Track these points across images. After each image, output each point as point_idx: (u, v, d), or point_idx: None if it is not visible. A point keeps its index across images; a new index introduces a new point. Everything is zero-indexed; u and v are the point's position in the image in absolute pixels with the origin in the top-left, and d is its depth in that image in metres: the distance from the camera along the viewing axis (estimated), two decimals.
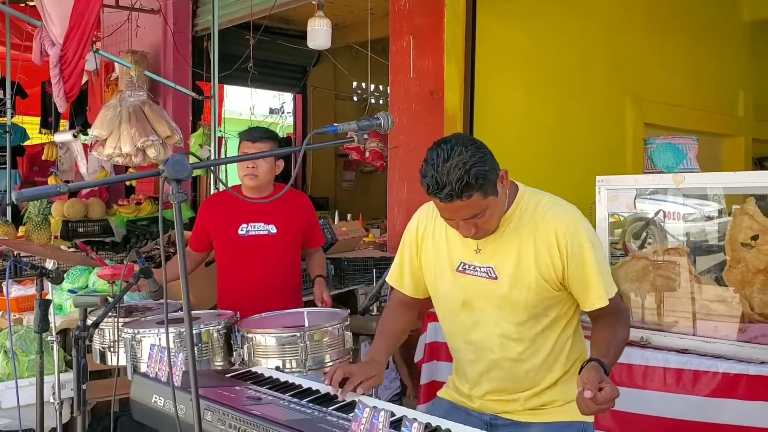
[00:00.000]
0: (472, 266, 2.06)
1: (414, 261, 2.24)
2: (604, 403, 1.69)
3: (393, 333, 2.30)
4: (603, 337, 1.97)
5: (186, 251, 3.43)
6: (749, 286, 2.91)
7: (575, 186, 4.64)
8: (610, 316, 1.99)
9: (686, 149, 3.27)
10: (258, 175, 3.23)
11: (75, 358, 2.39)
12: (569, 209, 2.05)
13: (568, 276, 1.97)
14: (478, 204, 1.88)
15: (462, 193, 1.85)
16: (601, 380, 1.72)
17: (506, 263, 2.01)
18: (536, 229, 1.99)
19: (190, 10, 7.17)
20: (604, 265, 2.02)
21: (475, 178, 1.83)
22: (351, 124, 2.00)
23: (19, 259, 3.48)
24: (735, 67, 7.32)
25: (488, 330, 2.07)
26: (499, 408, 2.12)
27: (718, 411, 2.75)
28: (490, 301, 2.04)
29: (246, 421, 1.78)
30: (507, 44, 5.11)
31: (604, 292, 1.97)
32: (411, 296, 2.30)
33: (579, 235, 1.96)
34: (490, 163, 1.89)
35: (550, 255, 1.97)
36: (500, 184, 1.93)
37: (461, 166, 1.83)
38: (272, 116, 10.78)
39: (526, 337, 2.04)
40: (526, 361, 2.06)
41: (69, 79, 4.83)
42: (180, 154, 1.64)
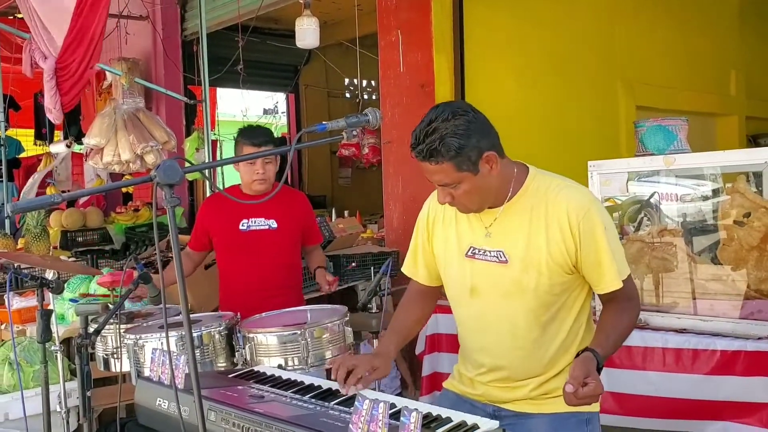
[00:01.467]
0: (482, 250, 2.02)
1: (426, 248, 2.21)
2: (585, 399, 1.71)
3: (404, 325, 2.26)
4: (607, 323, 1.95)
5: (185, 252, 3.46)
6: (744, 263, 2.94)
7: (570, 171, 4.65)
8: (621, 301, 1.96)
9: (676, 130, 3.28)
10: (267, 179, 3.27)
11: (78, 366, 2.41)
12: (581, 190, 2.01)
13: (581, 258, 1.93)
14: (450, 174, 1.88)
15: (430, 157, 1.86)
16: (587, 375, 1.72)
17: (517, 246, 1.97)
18: (547, 211, 1.94)
19: (179, 15, 7.18)
20: (618, 247, 1.98)
21: (446, 147, 1.84)
22: (339, 122, 2.01)
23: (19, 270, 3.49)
24: (725, 47, 7.34)
25: (497, 317, 2.03)
26: (503, 396, 2.07)
27: (718, 388, 2.78)
28: (499, 286, 2.00)
29: (249, 420, 1.80)
30: (496, 33, 5.13)
31: (617, 273, 1.93)
32: (426, 284, 2.27)
33: (592, 217, 1.92)
34: (474, 140, 1.86)
35: (563, 237, 1.92)
36: (485, 165, 1.90)
37: (438, 132, 1.84)
38: (266, 116, 10.78)
39: (537, 324, 2.00)
40: (537, 350, 2.01)
41: (70, 90, 4.85)
42: (171, 158, 1.66)
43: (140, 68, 6.90)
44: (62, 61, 4.83)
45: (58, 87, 4.86)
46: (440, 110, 1.89)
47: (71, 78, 4.83)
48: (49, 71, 4.84)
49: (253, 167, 3.23)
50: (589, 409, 2.02)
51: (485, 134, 1.90)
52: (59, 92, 4.87)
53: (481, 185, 1.92)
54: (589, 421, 2.06)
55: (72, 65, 4.78)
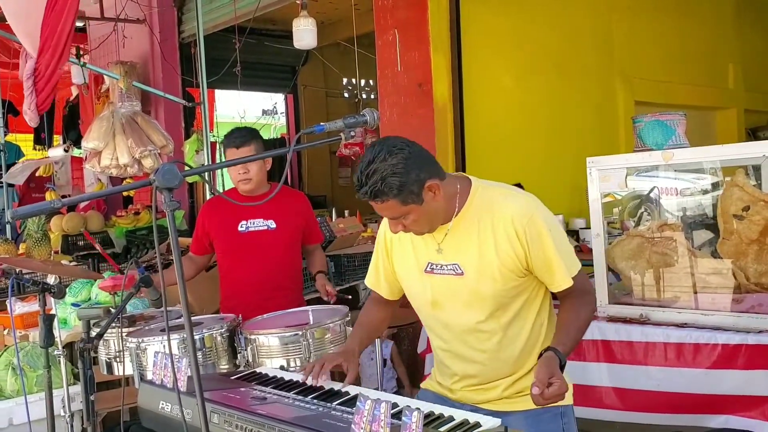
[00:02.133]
0: (439, 265, 2.12)
1: (387, 266, 2.32)
2: (551, 398, 1.81)
3: (369, 326, 2.40)
4: (565, 320, 2.06)
5: (188, 256, 3.47)
6: (743, 257, 2.94)
7: (570, 167, 4.69)
8: (576, 297, 2.07)
9: (674, 125, 3.28)
10: (251, 178, 3.28)
11: (81, 370, 2.42)
12: (523, 197, 2.10)
13: (531, 261, 2.03)
14: (396, 209, 1.97)
15: (375, 197, 1.95)
16: (551, 375, 1.82)
17: (469, 258, 2.06)
18: (493, 222, 2.03)
19: (176, 18, 7.18)
20: (564, 246, 2.08)
21: (388, 187, 1.92)
22: (338, 123, 2.02)
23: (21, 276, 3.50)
24: (723, 40, 7.34)
25: (461, 326, 2.13)
26: (478, 397, 2.17)
27: (719, 382, 2.78)
28: (458, 297, 2.10)
29: (252, 421, 1.81)
30: (493, 31, 5.13)
31: (566, 272, 2.04)
32: (387, 298, 2.39)
33: (536, 222, 2.02)
34: (415, 173, 1.93)
35: (511, 245, 2.02)
36: (428, 193, 1.97)
37: (379, 172, 1.91)
38: (265, 117, 10.79)
39: (499, 327, 2.10)
40: (502, 351, 2.11)
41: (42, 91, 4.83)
42: (170, 162, 1.67)
43: (138, 71, 6.89)
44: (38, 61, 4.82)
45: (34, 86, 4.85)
46: (377, 150, 1.95)
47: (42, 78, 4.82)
48: (28, 71, 4.83)
49: (235, 168, 3.26)
50: (563, 402, 2.10)
51: (423, 165, 1.97)
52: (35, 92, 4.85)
53: (428, 211, 2.01)
54: (564, 414, 2.15)
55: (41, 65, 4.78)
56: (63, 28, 4.52)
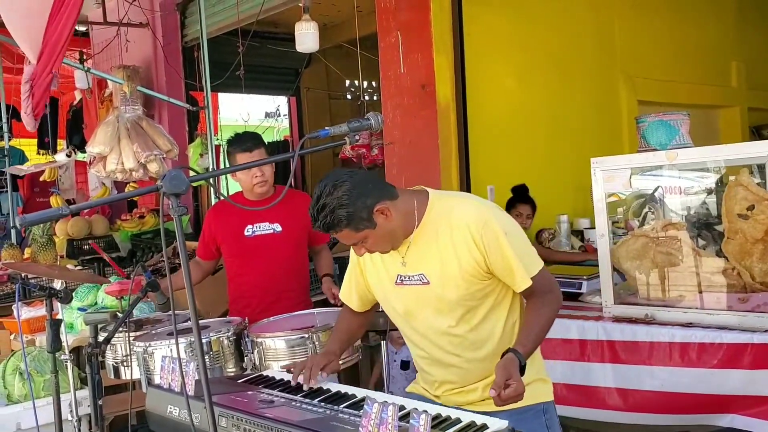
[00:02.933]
0: (407, 276, 2.20)
1: (360, 281, 2.39)
2: (509, 400, 1.88)
3: (346, 332, 2.49)
4: (528, 321, 2.14)
5: (195, 261, 3.49)
6: (748, 256, 2.94)
7: (573, 168, 4.69)
8: (539, 295, 2.13)
9: (678, 125, 3.29)
10: (267, 180, 3.31)
11: (89, 374, 2.43)
12: (477, 204, 2.17)
13: (491, 265, 2.09)
14: (352, 236, 2.08)
15: (329, 230, 2.06)
16: (509, 377, 1.89)
17: (433, 267, 2.14)
18: (451, 230, 2.11)
19: (178, 21, 7.19)
20: (522, 247, 2.13)
21: (337, 219, 2.02)
22: (342, 127, 2.04)
23: (27, 281, 3.51)
24: (725, 38, 7.32)
25: (434, 333, 2.20)
26: (460, 399, 2.23)
27: (725, 381, 2.78)
28: (428, 305, 2.17)
29: (260, 425, 1.82)
30: (495, 32, 5.13)
31: (525, 273, 2.09)
32: (358, 311, 2.47)
33: (491, 226, 2.08)
34: (362, 201, 2.03)
35: (470, 251, 2.08)
36: (379, 216, 2.06)
37: (328, 207, 2.02)
38: (268, 120, 10.80)
39: (469, 330, 2.16)
40: (476, 353, 2.18)
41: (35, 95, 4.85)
42: (176, 168, 1.68)
43: (141, 75, 6.91)
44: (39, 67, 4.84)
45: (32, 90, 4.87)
46: (323, 185, 2.06)
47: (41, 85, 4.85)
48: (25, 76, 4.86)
49: (251, 171, 3.26)
50: (544, 399, 2.23)
51: (369, 192, 2.06)
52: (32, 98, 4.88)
53: (384, 233, 2.10)
54: (546, 411, 2.23)
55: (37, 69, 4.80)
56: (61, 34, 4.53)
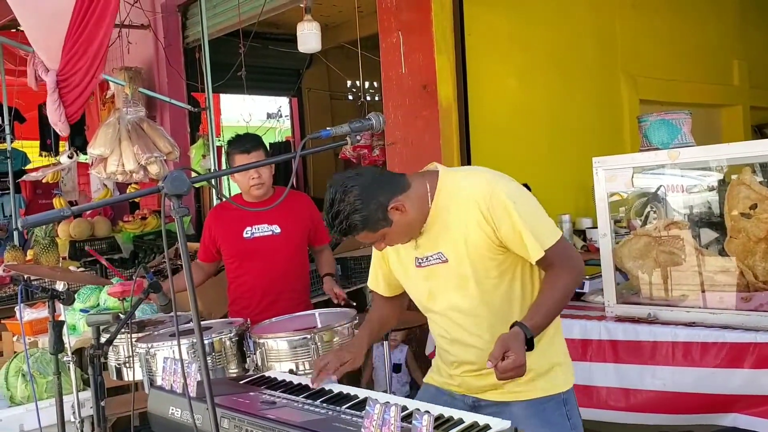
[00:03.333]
0: (426, 257, 2.18)
1: (383, 265, 2.38)
2: (506, 371, 1.83)
3: (376, 322, 2.45)
4: (539, 294, 2.09)
5: (196, 263, 3.49)
6: (751, 255, 2.93)
7: (575, 167, 4.68)
8: (555, 266, 2.07)
9: (680, 124, 3.28)
10: (264, 183, 3.30)
11: (91, 376, 2.43)
12: (483, 175, 2.13)
13: (502, 237, 2.05)
14: (370, 236, 2.07)
15: (346, 235, 2.05)
16: (506, 349, 1.84)
17: (449, 245, 2.11)
18: (459, 206, 2.09)
19: (180, 23, 7.20)
20: (534, 216, 2.07)
21: (353, 225, 2.01)
22: (343, 127, 2.03)
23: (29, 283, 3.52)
24: (727, 37, 7.31)
25: (454, 311, 2.17)
26: (478, 383, 2.18)
27: (728, 381, 2.77)
28: (448, 283, 2.15)
29: (262, 426, 1.82)
30: (497, 32, 5.12)
31: (536, 243, 2.03)
32: (388, 296, 2.45)
33: (498, 197, 2.04)
34: (375, 202, 2.01)
35: (480, 226, 2.05)
36: (396, 213, 2.05)
37: (342, 213, 2.00)
38: (270, 121, 10.80)
39: (489, 309, 2.12)
40: (496, 333, 2.08)
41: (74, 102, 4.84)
42: (178, 169, 1.68)
43: (143, 77, 6.92)
44: (64, 73, 4.83)
45: (62, 99, 4.86)
46: (334, 192, 2.03)
47: (75, 89, 4.83)
48: (51, 84, 4.84)
49: (247, 173, 3.26)
50: (564, 388, 2.17)
51: (380, 191, 2.04)
52: (63, 104, 4.87)
53: (402, 226, 2.09)
54: (566, 401, 2.18)
55: (75, 76, 4.78)
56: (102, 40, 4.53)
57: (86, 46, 4.59)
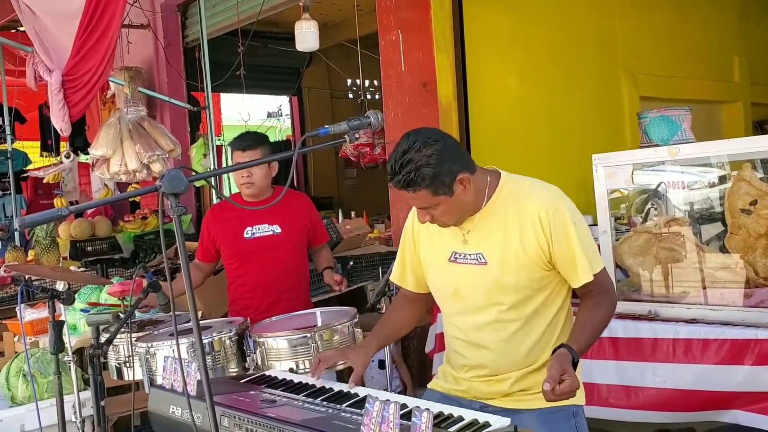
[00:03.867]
0: (463, 254, 2.14)
1: (414, 257, 2.32)
2: (563, 395, 1.82)
3: (391, 324, 2.41)
4: (582, 319, 2.07)
5: (195, 263, 3.48)
6: (752, 251, 2.92)
7: (576, 164, 4.67)
8: (596, 295, 2.08)
9: (680, 120, 3.27)
10: (254, 183, 3.29)
11: (91, 376, 2.43)
12: (550, 189, 2.13)
13: (554, 253, 2.04)
14: (427, 199, 2.01)
15: (408, 186, 1.98)
16: (563, 372, 1.83)
17: (494, 248, 2.09)
18: (519, 213, 2.06)
19: (179, 22, 7.19)
20: (588, 241, 2.09)
21: (421, 177, 1.96)
22: (342, 125, 2.04)
23: (29, 283, 3.52)
24: (727, 33, 7.29)
25: (480, 315, 2.14)
26: (487, 389, 2.16)
27: (729, 378, 2.77)
28: (480, 287, 2.11)
29: (262, 424, 1.82)
30: (496, 30, 5.12)
31: (588, 266, 2.04)
32: (414, 291, 2.38)
33: (561, 213, 2.04)
34: (448, 165, 1.98)
35: (536, 235, 2.04)
36: (459, 186, 2.02)
37: (413, 162, 1.95)
38: (270, 120, 10.80)
39: (518, 319, 2.11)
40: (516, 343, 2.12)
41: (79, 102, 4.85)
42: (176, 168, 1.68)
43: (143, 77, 6.92)
44: (71, 73, 4.83)
45: (66, 99, 4.86)
46: (412, 140, 1.98)
47: (82, 89, 4.84)
48: (56, 84, 4.84)
49: (240, 171, 3.26)
50: (575, 402, 2.12)
51: (456, 159, 2.02)
52: (67, 104, 4.87)
53: (457, 204, 2.05)
54: (576, 414, 2.16)
55: (83, 77, 4.79)
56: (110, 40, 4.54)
57: (96, 47, 4.60)
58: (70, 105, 4.87)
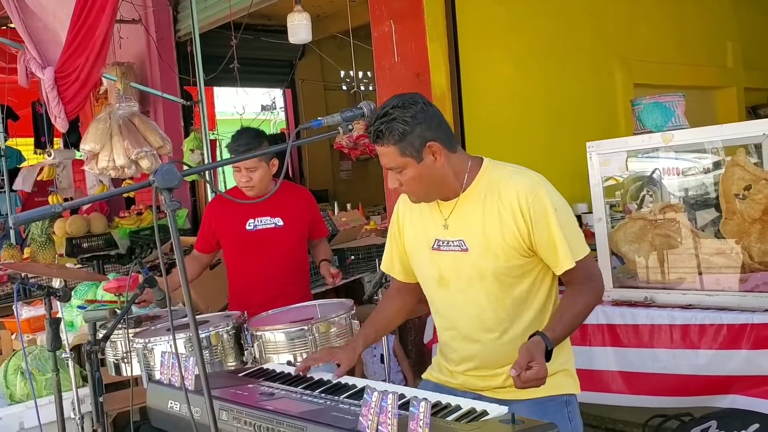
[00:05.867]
0: (446, 241, 2.14)
1: (400, 246, 2.32)
2: (529, 382, 1.82)
3: (379, 320, 2.41)
4: (561, 307, 2.06)
5: (193, 254, 3.48)
6: (747, 236, 2.94)
7: (571, 153, 4.67)
8: (580, 283, 2.05)
9: (673, 106, 3.27)
10: (255, 186, 3.27)
11: (89, 372, 2.43)
12: (531, 176, 2.11)
13: (535, 240, 2.03)
14: (394, 157, 2.03)
15: (377, 138, 2.02)
16: (531, 359, 1.83)
17: (475, 234, 2.08)
18: (500, 198, 2.05)
19: (171, 17, 7.16)
20: (571, 228, 2.06)
21: (390, 132, 1.99)
22: (335, 117, 2.03)
23: (25, 280, 3.51)
24: (720, 18, 7.29)
25: (464, 303, 2.13)
26: (481, 384, 2.16)
27: (726, 362, 2.78)
28: (463, 273, 2.11)
29: (260, 417, 1.82)
30: (489, 18, 5.10)
31: (570, 253, 2.02)
32: (402, 281, 2.38)
33: (541, 199, 2.03)
34: (421, 129, 2.00)
35: (515, 221, 2.03)
36: (428, 155, 2.02)
37: (389, 116, 1.99)
38: (264, 113, 10.77)
39: (501, 308, 2.09)
40: (504, 335, 2.10)
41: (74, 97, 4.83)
42: (169, 163, 1.67)
43: (135, 72, 6.89)
44: (63, 69, 4.80)
45: (61, 95, 4.84)
46: (397, 100, 2.03)
47: (74, 84, 4.81)
48: (49, 81, 4.81)
49: (239, 174, 3.25)
50: (568, 391, 2.14)
51: (432, 127, 2.03)
52: (62, 100, 4.85)
53: (426, 174, 2.04)
54: (569, 403, 2.15)
55: (74, 72, 4.76)
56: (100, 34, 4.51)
57: (87, 42, 4.58)
58: (65, 101, 4.85)
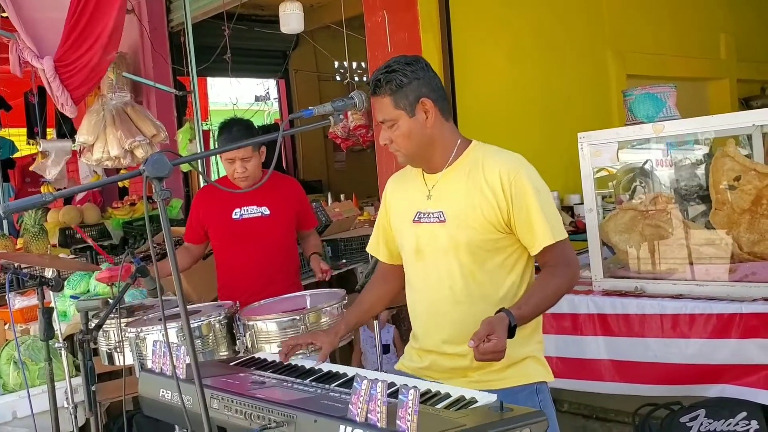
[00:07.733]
0: (426, 213, 2.18)
1: (386, 226, 2.36)
2: (486, 353, 1.84)
3: (363, 305, 2.44)
4: (534, 286, 2.10)
5: (184, 246, 3.49)
6: (736, 226, 2.95)
7: (564, 144, 4.68)
8: (554, 266, 2.08)
9: (665, 97, 3.28)
10: (249, 176, 3.28)
11: (81, 361, 2.44)
12: (514, 156, 2.16)
13: (513, 217, 2.06)
14: (388, 110, 2.09)
15: (376, 89, 2.10)
16: (491, 332, 1.85)
17: (454, 206, 2.13)
18: (483, 174, 2.10)
19: (164, 6, 7.12)
20: (550, 210, 2.09)
21: (388, 81, 2.07)
22: (326, 106, 2.03)
23: (18, 270, 3.51)
24: (714, 10, 7.30)
25: (437, 274, 2.16)
26: (449, 364, 2.14)
27: (715, 352, 2.81)
28: (438, 243, 2.14)
29: (251, 405, 1.82)
30: (482, 9, 5.10)
31: (549, 231, 2.04)
32: (387, 263, 2.41)
33: (522, 179, 2.07)
34: (416, 84, 2.07)
35: (495, 197, 2.07)
36: (421, 112, 2.09)
37: (390, 68, 2.08)
38: (258, 104, 10.74)
39: (473, 280, 2.11)
40: (473, 307, 2.09)
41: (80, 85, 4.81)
42: (159, 152, 1.67)
43: (128, 62, 6.85)
44: (64, 58, 4.77)
45: (65, 84, 4.81)
46: (403, 58, 2.13)
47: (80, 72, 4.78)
48: (49, 70, 4.78)
49: (232, 165, 3.26)
50: (538, 379, 2.14)
51: (430, 87, 2.10)
52: (67, 88, 4.83)
53: (416, 132, 2.11)
54: (539, 391, 2.15)
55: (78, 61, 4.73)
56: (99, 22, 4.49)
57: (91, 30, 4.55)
58: (71, 88, 4.83)
